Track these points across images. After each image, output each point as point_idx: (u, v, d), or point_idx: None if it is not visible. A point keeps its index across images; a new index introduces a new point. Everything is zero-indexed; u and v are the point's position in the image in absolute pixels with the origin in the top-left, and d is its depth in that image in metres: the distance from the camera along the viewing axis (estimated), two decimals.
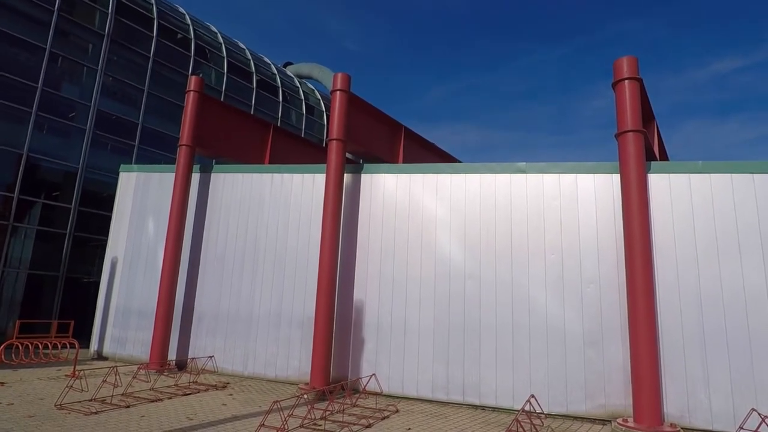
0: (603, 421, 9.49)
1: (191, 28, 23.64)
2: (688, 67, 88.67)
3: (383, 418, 8.94)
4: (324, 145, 24.98)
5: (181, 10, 24.49)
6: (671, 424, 8.86)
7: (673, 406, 9.10)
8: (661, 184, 10.09)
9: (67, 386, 9.78)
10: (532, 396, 9.55)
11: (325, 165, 12.09)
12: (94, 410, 8.57)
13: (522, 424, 8.31)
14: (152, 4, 22.03)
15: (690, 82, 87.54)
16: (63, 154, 18.23)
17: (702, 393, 9.03)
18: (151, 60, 21.10)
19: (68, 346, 13.89)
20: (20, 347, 13.14)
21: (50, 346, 13.57)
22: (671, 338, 9.38)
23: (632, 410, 9.00)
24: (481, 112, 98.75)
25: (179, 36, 22.93)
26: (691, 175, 9.99)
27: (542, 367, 10.16)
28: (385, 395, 10.97)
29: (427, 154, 17.17)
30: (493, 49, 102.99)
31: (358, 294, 11.91)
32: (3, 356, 11.24)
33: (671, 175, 10.10)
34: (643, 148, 9.80)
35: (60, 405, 8.73)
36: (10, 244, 16.53)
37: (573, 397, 9.83)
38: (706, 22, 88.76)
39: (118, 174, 16.00)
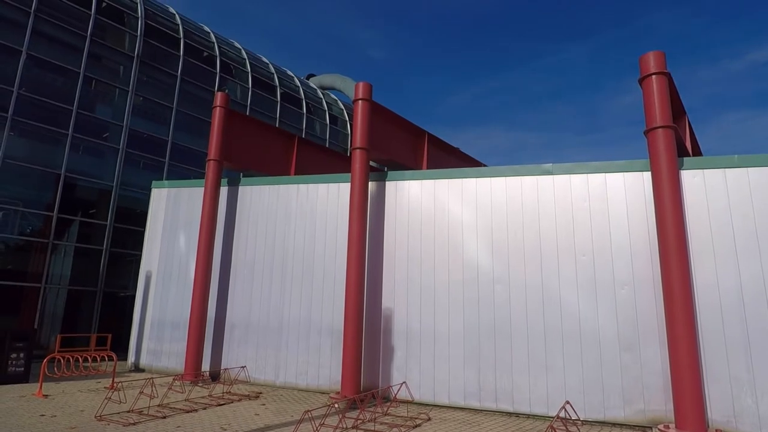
0: (643, 428, 9.18)
1: (216, 45, 24.27)
2: (724, 57, 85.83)
3: (415, 427, 8.86)
4: (348, 154, 25.17)
5: (206, 28, 25.18)
6: (717, 430, 8.50)
7: (717, 411, 8.73)
8: (694, 180, 9.77)
9: (106, 398, 10.05)
10: (567, 402, 9.32)
11: (349, 174, 12.17)
12: (132, 421, 8.77)
13: (557, 431, 8.10)
14: (178, 25, 22.73)
15: (726, 73, 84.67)
16: (98, 173, 18.89)
17: (748, 397, 8.63)
18: (178, 78, 21.73)
19: (107, 358, 14.30)
20: (62, 361, 13.59)
21: (90, 359, 14.00)
22: (712, 340, 9.01)
23: (674, 416, 8.67)
24: (508, 114, 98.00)
25: (205, 54, 23.56)
26: (727, 170, 9.63)
27: (577, 373, 9.91)
28: (416, 403, 10.88)
29: (451, 159, 17.10)
30: (517, 49, 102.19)
31: (386, 301, 11.89)
32: (46, 370, 11.66)
33: (705, 170, 9.76)
34: (674, 144, 9.53)
35: (100, 416, 8.98)
36: (50, 262, 17.18)
37: (610, 403, 9.55)
38: (739, 10, 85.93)
39: (150, 190, 16.48)
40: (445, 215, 11.79)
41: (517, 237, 11.00)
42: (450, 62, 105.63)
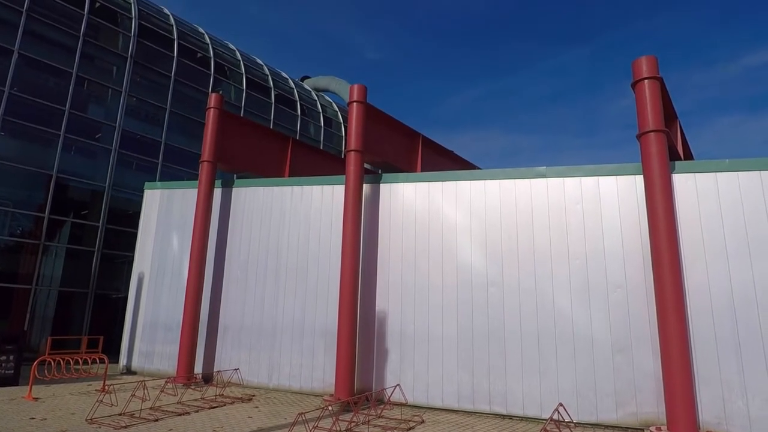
0: (636, 430, 9.23)
1: (210, 47, 24.20)
2: (718, 61, 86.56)
3: (409, 429, 8.86)
4: (342, 156, 25.15)
5: (201, 30, 25.10)
6: None
7: (708, 413, 8.80)
8: (686, 184, 9.86)
9: (97, 401, 9.96)
10: (561, 404, 9.35)
11: (344, 176, 12.17)
12: (124, 424, 8.70)
13: None
14: (172, 26, 22.64)
15: (720, 77, 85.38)
16: (90, 173, 18.75)
17: (739, 399, 8.71)
18: (172, 79, 21.63)
19: (98, 361, 14.17)
20: (52, 363, 13.45)
21: (81, 362, 13.86)
22: (703, 342, 9.09)
23: (665, 418, 8.73)
24: (504, 116, 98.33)
25: (199, 55, 23.48)
26: (718, 173, 9.74)
27: (570, 375, 9.95)
28: (410, 406, 10.88)
29: (445, 161, 17.14)
30: (515, 51, 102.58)
31: (380, 304, 11.89)
32: (36, 372, 11.54)
33: (697, 174, 9.86)
34: (666, 148, 9.62)
35: (91, 419, 8.90)
36: (41, 263, 17.02)
37: (603, 406, 9.60)
38: (733, 14, 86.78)
39: (143, 191, 16.38)
40: (439, 218, 11.82)
41: (511, 240, 11.04)
42: (447, 64, 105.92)
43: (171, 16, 23.21)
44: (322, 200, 13.27)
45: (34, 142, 17.38)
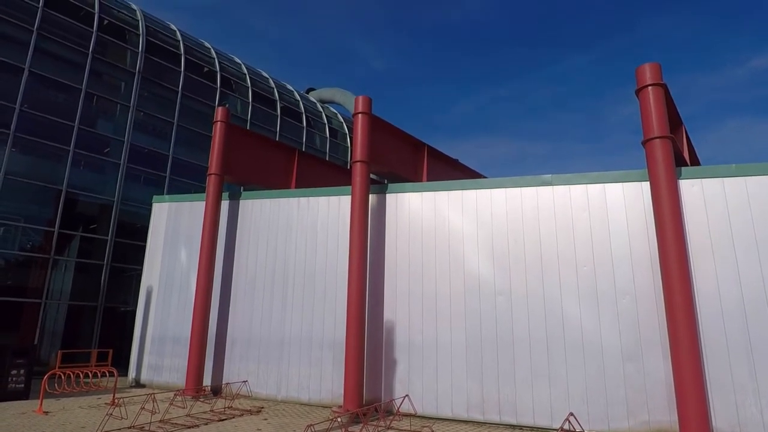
0: None
1: (216, 61, 24.50)
2: (726, 64, 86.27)
3: None
4: (348, 167, 25.27)
5: (207, 44, 25.44)
6: None
7: (721, 420, 8.69)
8: (693, 190, 9.83)
9: (107, 414, 9.99)
10: (571, 414, 9.27)
11: (350, 187, 12.24)
12: None
13: None
14: (179, 41, 22.98)
15: (727, 80, 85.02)
16: (99, 188, 18.96)
17: (752, 405, 8.61)
18: (179, 94, 21.90)
19: (108, 374, 14.22)
20: (62, 377, 13.52)
21: (90, 375, 13.92)
22: (715, 348, 9.01)
23: (678, 426, 8.63)
24: (509, 123, 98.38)
25: (205, 69, 23.77)
26: (725, 179, 9.72)
27: (580, 384, 9.87)
28: (419, 416, 10.82)
29: (451, 170, 17.18)
30: (521, 58, 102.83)
31: (387, 314, 11.88)
32: (47, 386, 11.61)
33: (703, 180, 9.84)
34: (671, 154, 9.61)
35: None
36: (51, 277, 17.16)
37: (614, 414, 9.50)
38: (741, 17, 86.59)
39: (151, 205, 16.52)
40: (446, 227, 11.83)
41: (518, 248, 11.03)
42: (452, 72, 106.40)
43: (178, 32, 23.56)
44: (329, 211, 13.33)
45: (44, 158, 17.63)
